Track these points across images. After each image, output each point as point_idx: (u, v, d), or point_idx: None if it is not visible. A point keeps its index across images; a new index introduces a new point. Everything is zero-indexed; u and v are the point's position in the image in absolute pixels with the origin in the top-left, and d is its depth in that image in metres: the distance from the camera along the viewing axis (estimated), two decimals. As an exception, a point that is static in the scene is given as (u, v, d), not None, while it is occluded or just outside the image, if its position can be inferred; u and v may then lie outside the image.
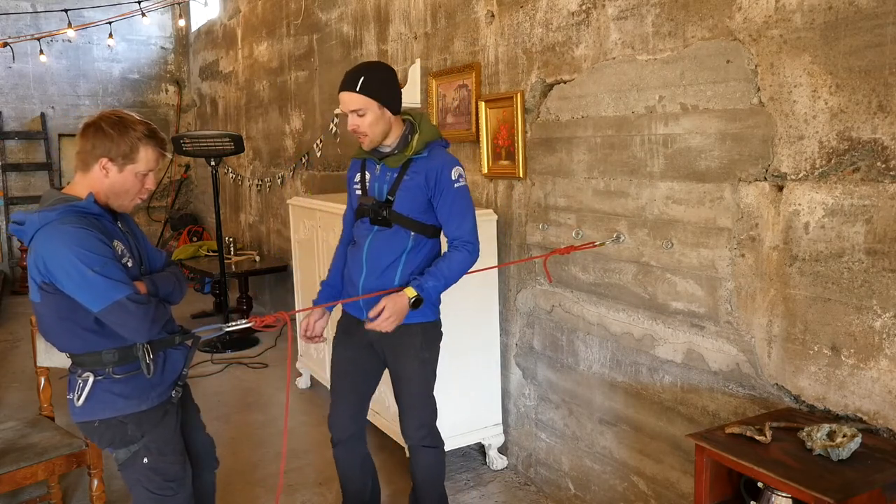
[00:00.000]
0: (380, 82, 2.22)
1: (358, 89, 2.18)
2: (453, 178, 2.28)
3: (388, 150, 2.30)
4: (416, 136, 2.29)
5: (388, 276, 2.31)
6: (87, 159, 1.89)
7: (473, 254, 2.29)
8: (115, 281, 1.79)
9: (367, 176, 2.37)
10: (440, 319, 2.46)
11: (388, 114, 2.25)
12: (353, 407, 2.50)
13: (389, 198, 2.29)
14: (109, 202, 1.93)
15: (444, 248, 2.35)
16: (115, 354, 1.90)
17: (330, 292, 2.49)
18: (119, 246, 1.90)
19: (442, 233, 2.36)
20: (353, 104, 2.20)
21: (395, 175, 2.30)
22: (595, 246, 2.58)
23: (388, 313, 2.16)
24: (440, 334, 2.47)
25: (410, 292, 2.19)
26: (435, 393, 2.45)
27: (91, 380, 1.89)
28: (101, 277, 1.77)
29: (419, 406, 2.43)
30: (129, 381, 1.92)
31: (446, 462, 3.32)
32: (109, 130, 1.87)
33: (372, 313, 2.18)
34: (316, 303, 2.48)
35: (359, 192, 2.40)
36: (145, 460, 1.97)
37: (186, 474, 2.08)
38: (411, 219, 2.29)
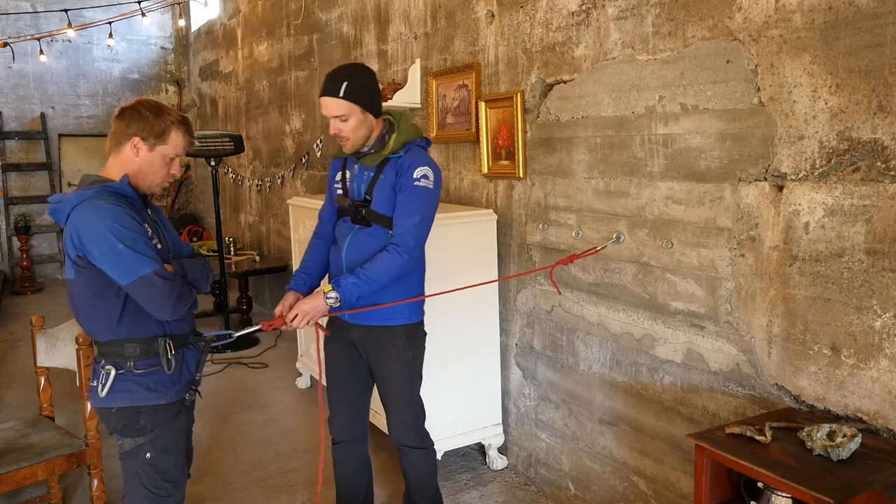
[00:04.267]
0: (363, 87, 2.20)
1: (341, 95, 2.16)
2: (416, 176, 2.22)
3: (366, 150, 2.28)
4: (394, 135, 2.27)
5: None
6: (120, 138, 1.97)
7: (402, 255, 2.18)
8: (144, 256, 1.87)
9: (348, 175, 2.36)
10: (423, 321, 2.44)
11: (371, 118, 2.23)
12: (350, 407, 2.50)
13: (367, 197, 2.28)
14: (138, 182, 2.01)
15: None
16: (136, 348, 1.95)
17: (304, 280, 2.43)
18: (148, 230, 1.97)
19: None
20: (336, 110, 2.18)
21: (373, 174, 2.28)
22: (597, 251, 2.57)
23: (299, 312, 2.18)
24: (424, 334, 2.45)
25: (327, 287, 2.18)
26: (435, 393, 2.45)
27: (113, 373, 1.95)
28: (130, 251, 1.84)
29: (404, 407, 2.42)
30: (149, 376, 1.98)
31: (446, 462, 3.33)
32: (146, 112, 1.97)
33: (288, 315, 2.20)
34: (289, 288, 2.40)
35: (339, 191, 2.39)
36: (148, 455, 2.00)
37: (183, 479, 2.11)
38: (389, 217, 2.27)
